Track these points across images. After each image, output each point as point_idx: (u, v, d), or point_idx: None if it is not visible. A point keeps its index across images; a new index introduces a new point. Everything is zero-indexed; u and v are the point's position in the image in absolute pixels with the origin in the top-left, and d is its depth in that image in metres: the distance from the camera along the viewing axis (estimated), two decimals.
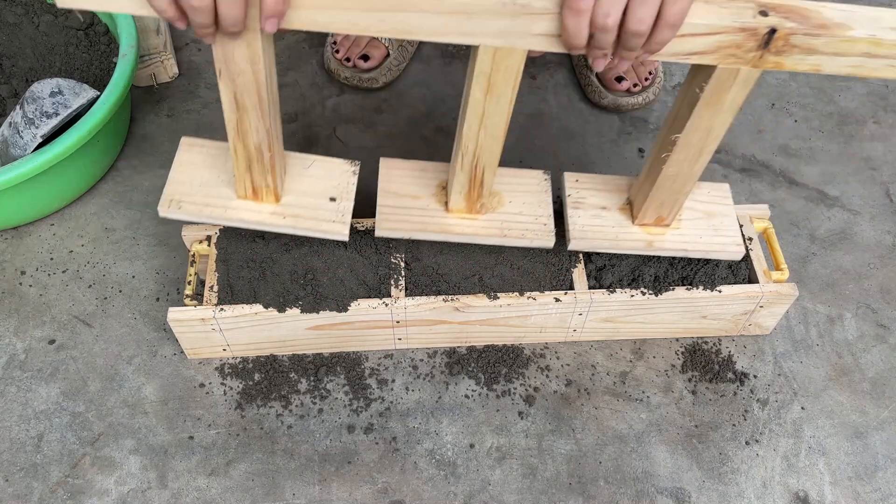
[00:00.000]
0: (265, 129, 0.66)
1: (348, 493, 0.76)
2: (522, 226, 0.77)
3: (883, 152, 1.05)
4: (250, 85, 0.62)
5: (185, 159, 0.75)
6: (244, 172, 0.70)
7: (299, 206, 0.74)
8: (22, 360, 0.85)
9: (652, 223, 0.78)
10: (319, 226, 0.73)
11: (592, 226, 0.77)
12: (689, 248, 0.78)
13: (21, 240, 0.94)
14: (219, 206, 0.73)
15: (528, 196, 0.78)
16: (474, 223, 0.76)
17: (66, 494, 0.76)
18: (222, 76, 0.61)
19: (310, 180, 0.75)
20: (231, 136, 0.67)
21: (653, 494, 0.77)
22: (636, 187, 0.78)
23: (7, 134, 0.88)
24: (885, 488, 0.78)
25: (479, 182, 0.72)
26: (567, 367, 0.85)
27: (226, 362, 0.84)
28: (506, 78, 0.61)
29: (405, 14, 0.55)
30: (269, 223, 0.73)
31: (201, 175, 0.74)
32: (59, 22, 1.03)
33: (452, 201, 0.75)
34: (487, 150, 0.69)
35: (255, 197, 0.73)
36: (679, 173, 0.71)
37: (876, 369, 0.86)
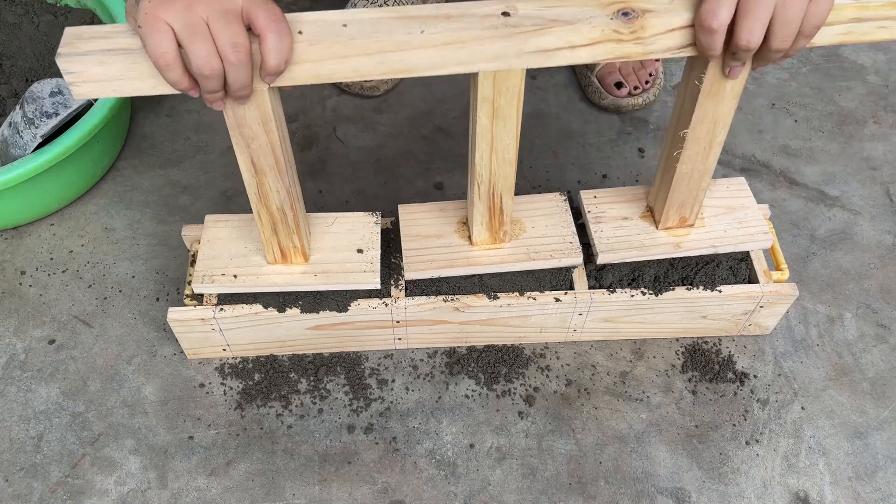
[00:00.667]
0: (285, 190, 0.68)
1: (348, 493, 0.76)
2: (549, 247, 0.77)
3: (883, 152, 1.05)
4: (265, 147, 0.63)
5: (212, 235, 0.78)
6: (271, 236, 0.72)
7: (329, 263, 0.76)
8: (22, 360, 0.85)
9: (676, 225, 0.78)
10: (351, 278, 0.75)
11: (617, 237, 0.78)
12: (718, 243, 0.77)
13: (21, 240, 0.94)
14: (251, 275, 0.75)
15: (548, 219, 0.79)
16: (500, 251, 0.77)
17: (66, 494, 0.76)
18: (237, 143, 0.63)
19: (334, 236, 0.78)
20: (253, 200, 0.69)
21: (653, 494, 0.77)
22: (653, 193, 0.79)
23: (7, 134, 0.88)
24: (886, 488, 0.78)
25: (498, 209, 0.73)
26: (567, 367, 0.85)
27: (226, 362, 0.84)
28: (509, 100, 0.62)
29: (402, 53, 0.57)
30: (301, 283, 0.75)
31: (230, 248, 0.77)
32: (59, 22, 1.03)
33: (475, 233, 0.76)
34: (502, 176, 0.70)
35: (284, 260, 0.75)
36: (693, 169, 0.71)
37: (876, 369, 0.86)
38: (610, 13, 0.57)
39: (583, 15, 0.57)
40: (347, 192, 0.99)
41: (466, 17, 0.57)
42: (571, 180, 1.00)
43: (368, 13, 0.57)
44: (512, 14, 0.57)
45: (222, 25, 0.53)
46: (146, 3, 0.53)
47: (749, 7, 0.54)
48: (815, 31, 0.56)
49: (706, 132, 0.68)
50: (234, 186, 0.99)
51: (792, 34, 0.56)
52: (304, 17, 0.57)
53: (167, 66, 0.54)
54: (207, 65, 0.54)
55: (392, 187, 1.00)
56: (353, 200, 0.98)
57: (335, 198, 0.99)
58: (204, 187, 0.99)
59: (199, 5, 0.53)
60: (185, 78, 0.56)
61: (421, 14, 0.57)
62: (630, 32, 0.57)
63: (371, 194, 0.99)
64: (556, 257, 0.77)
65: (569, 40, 0.58)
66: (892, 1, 0.58)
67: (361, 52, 0.56)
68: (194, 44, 0.54)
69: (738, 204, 0.80)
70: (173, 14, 0.53)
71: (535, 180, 1.00)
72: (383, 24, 0.56)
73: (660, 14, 0.57)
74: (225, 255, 0.76)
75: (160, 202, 0.98)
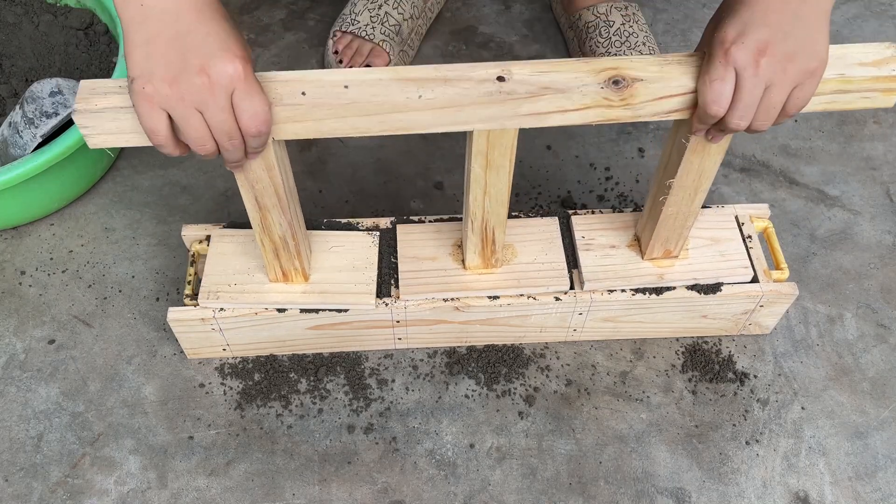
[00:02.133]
0: (287, 223, 0.70)
1: (348, 493, 0.76)
2: (538, 274, 0.79)
3: (883, 152, 1.05)
4: (269, 188, 0.66)
5: (217, 251, 0.80)
6: (273, 259, 0.75)
7: (327, 283, 0.78)
8: (22, 360, 0.85)
9: (661, 256, 0.80)
10: (347, 299, 0.78)
11: (604, 266, 0.80)
12: (699, 276, 0.80)
13: (21, 240, 0.94)
14: (253, 292, 0.78)
15: (538, 244, 0.81)
16: (492, 277, 0.79)
17: (66, 494, 0.76)
18: (241, 183, 0.65)
19: (334, 256, 0.80)
20: (257, 231, 0.71)
21: (653, 494, 0.77)
22: (641, 224, 0.80)
23: (7, 134, 0.88)
24: (886, 488, 0.78)
25: (490, 241, 0.75)
26: (567, 367, 0.85)
27: (226, 362, 0.84)
28: (502, 153, 0.65)
29: (400, 115, 0.59)
30: (301, 302, 0.77)
31: (234, 264, 0.79)
32: (58, 22, 1.03)
33: (468, 260, 0.78)
34: (494, 214, 0.72)
35: (285, 279, 0.78)
36: (679, 212, 0.74)
37: (876, 369, 0.86)
38: (601, 81, 0.59)
39: (575, 83, 0.59)
40: (347, 193, 0.99)
41: (463, 82, 0.59)
42: (571, 180, 1.00)
43: (369, 74, 0.59)
44: (507, 78, 0.59)
45: (215, 113, 0.55)
46: (138, 85, 0.54)
47: (741, 95, 0.57)
48: (797, 111, 0.60)
49: (692, 182, 0.70)
50: (233, 186, 0.99)
51: (774, 116, 0.59)
52: (306, 76, 0.59)
53: (160, 144, 0.57)
54: (202, 148, 0.57)
55: (392, 187, 1.00)
56: (353, 200, 0.98)
57: (335, 198, 0.99)
58: (204, 187, 0.99)
59: (191, 95, 0.54)
60: (178, 148, 0.58)
61: (419, 76, 0.59)
62: (620, 100, 0.60)
63: (371, 194, 0.99)
64: (544, 285, 0.79)
65: (560, 105, 0.60)
66: (874, 76, 0.60)
67: (361, 112, 0.59)
68: (187, 130, 0.55)
69: (722, 236, 0.82)
70: (166, 101, 0.54)
71: (535, 180, 1.00)
72: (382, 87, 0.59)
73: (650, 83, 0.59)
74: (229, 271, 0.79)
75: (160, 202, 0.98)
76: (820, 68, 0.57)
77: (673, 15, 1.19)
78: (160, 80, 0.53)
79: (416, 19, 1.10)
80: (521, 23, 1.17)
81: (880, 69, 0.61)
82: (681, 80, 0.59)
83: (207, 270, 0.79)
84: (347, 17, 1.07)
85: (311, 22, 1.18)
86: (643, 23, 1.08)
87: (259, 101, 0.55)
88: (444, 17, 1.18)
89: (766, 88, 0.57)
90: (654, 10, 1.20)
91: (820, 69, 0.58)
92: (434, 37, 1.16)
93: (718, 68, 0.57)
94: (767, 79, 0.56)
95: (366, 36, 1.05)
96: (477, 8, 1.20)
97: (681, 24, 1.18)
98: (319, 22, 1.17)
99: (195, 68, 0.53)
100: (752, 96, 0.57)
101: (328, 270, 0.79)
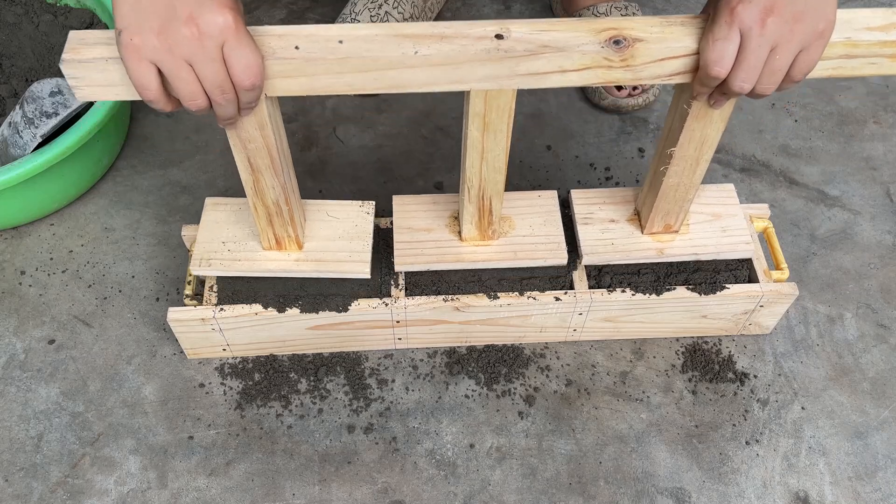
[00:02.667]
0: (280, 186, 0.69)
1: (348, 493, 0.76)
2: (535, 246, 0.79)
3: (883, 152, 1.05)
4: (261, 149, 0.64)
5: (210, 218, 0.80)
6: (266, 226, 0.74)
7: (321, 251, 0.78)
8: (22, 360, 0.85)
9: (661, 231, 0.79)
10: (342, 267, 0.77)
11: (603, 240, 0.79)
12: (700, 251, 0.79)
13: (21, 240, 0.94)
14: (246, 260, 0.77)
15: (536, 217, 0.80)
16: (488, 249, 0.78)
17: (66, 494, 0.76)
18: (234, 144, 0.64)
19: (328, 225, 0.79)
20: (249, 195, 0.70)
21: (653, 494, 0.77)
22: (641, 198, 0.79)
23: (7, 134, 0.88)
24: (886, 488, 0.78)
25: (487, 210, 0.74)
26: (567, 367, 0.85)
27: (226, 362, 0.84)
28: (499, 115, 0.64)
29: (396, 71, 0.58)
30: (294, 270, 0.77)
31: (227, 232, 0.79)
32: (58, 22, 1.03)
33: (465, 231, 0.77)
34: (492, 182, 0.71)
35: (279, 247, 0.77)
36: (680, 183, 0.72)
37: (876, 369, 0.86)
38: (601, 40, 0.58)
39: (574, 41, 0.58)
40: (347, 192, 0.99)
41: (460, 39, 0.58)
42: (571, 180, 1.00)
43: (364, 29, 0.58)
44: (505, 36, 0.58)
45: (206, 65, 0.53)
46: (126, 37, 0.52)
47: (745, 56, 0.56)
48: (802, 76, 0.58)
49: (693, 151, 0.69)
50: (233, 186, 0.99)
51: (778, 80, 0.57)
52: (301, 31, 0.58)
53: (151, 100, 0.55)
54: (194, 103, 0.55)
55: (392, 187, 1.00)
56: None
57: (335, 198, 0.98)
58: (204, 187, 0.99)
59: (179, 47, 0.52)
60: (169, 104, 0.56)
61: (416, 32, 0.58)
62: (620, 60, 0.59)
63: (371, 194, 0.99)
64: (540, 257, 0.78)
65: (559, 65, 0.59)
66: (881, 41, 0.59)
67: (356, 69, 0.58)
68: (177, 84, 0.54)
69: (725, 212, 0.81)
70: (154, 53, 0.53)
71: (535, 180, 1.00)
72: (378, 42, 0.57)
73: (651, 43, 0.58)
74: (222, 239, 0.78)
75: (160, 202, 0.98)
76: (828, 30, 0.56)
77: None
78: (148, 32, 0.52)
79: (416, 19, 1.10)
80: None
81: (888, 34, 0.59)
82: (683, 41, 0.58)
83: (200, 238, 0.78)
84: (347, 17, 1.07)
85: (311, 22, 1.18)
86: None
87: (251, 52, 0.54)
88: (444, 17, 1.18)
89: (772, 50, 0.55)
90: (654, 10, 1.20)
91: (828, 31, 0.56)
92: None
93: (723, 27, 0.55)
94: (773, 40, 0.55)
95: None
96: (477, 8, 1.20)
97: None
98: (319, 22, 1.17)
99: (183, 18, 0.51)
100: (756, 57, 0.55)
101: (322, 239, 0.78)
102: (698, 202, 0.81)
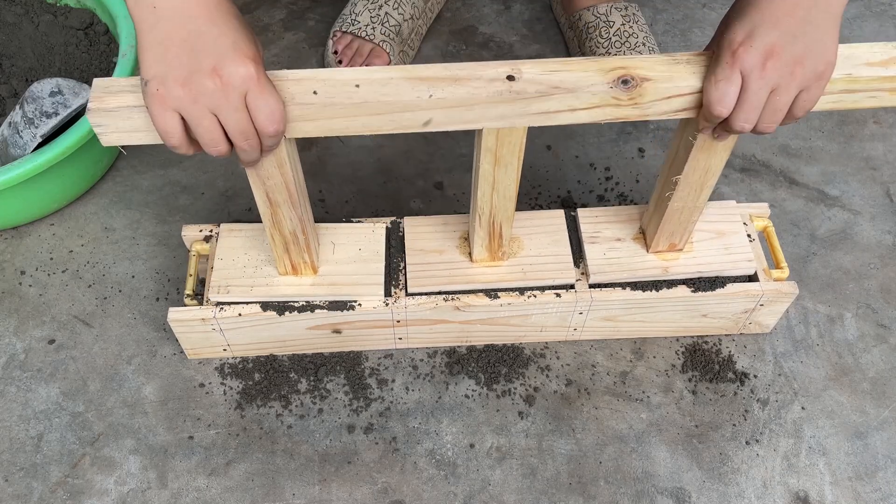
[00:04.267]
0: (297, 218, 0.70)
1: (348, 493, 0.76)
2: (544, 267, 0.80)
3: (883, 152, 1.05)
4: (280, 185, 0.66)
5: (226, 245, 0.80)
6: (282, 254, 0.75)
7: (336, 275, 0.79)
8: (22, 360, 0.85)
9: (666, 249, 0.80)
10: (357, 290, 0.78)
11: (609, 259, 0.80)
12: (703, 269, 0.80)
13: (21, 240, 0.94)
14: (263, 286, 0.78)
15: (544, 237, 0.82)
16: (498, 270, 0.80)
17: (66, 494, 0.76)
18: (253, 181, 0.65)
19: (341, 248, 0.80)
20: (267, 226, 0.71)
21: (653, 494, 0.77)
22: (647, 218, 0.81)
23: (7, 134, 0.88)
24: (886, 488, 0.78)
25: (497, 234, 0.76)
26: (567, 366, 0.85)
27: (226, 362, 0.84)
28: (510, 151, 0.65)
29: (411, 113, 0.60)
30: (310, 294, 0.78)
31: (243, 258, 0.80)
32: (58, 22, 1.03)
33: (475, 253, 0.79)
34: (502, 209, 0.73)
35: (294, 272, 0.78)
36: (684, 207, 0.74)
37: (876, 369, 0.86)
38: (610, 80, 0.60)
39: (584, 83, 0.59)
40: (347, 193, 0.99)
41: (473, 81, 0.59)
42: (571, 180, 1.00)
43: (379, 72, 0.60)
44: (517, 77, 0.59)
45: (230, 114, 0.55)
46: (152, 88, 0.54)
47: (746, 97, 0.57)
48: (804, 113, 0.59)
49: (698, 178, 0.71)
50: (233, 186, 0.99)
51: (779, 119, 0.59)
52: (318, 75, 0.59)
53: (174, 146, 0.57)
54: (215, 150, 0.57)
55: (392, 187, 1.00)
56: (353, 200, 0.98)
57: (335, 198, 0.99)
58: (204, 187, 0.99)
59: (204, 97, 0.54)
60: (191, 149, 0.58)
61: (430, 75, 0.60)
62: (628, 98, 0.60)
63: (371, 194, 0.99)
64: (550, 278, 0.79)
65: (569, 105, 0.60)
66: (881, 76, 0.61)
67: (372, 112, 0.59)
68: (200, 131, 0.56)
69: (727, 229, 0.82)
70: (179, 103, 0.54)
71: (535, 180, 1.00)
72: (393, 86, 0.59)
73: (658, 82, 0.60)
74: (239, 265, 0.79)
75: (160, 202, 0.98)
76: (828, 72, 0.57)
77: (673, 15, 1.19)
78: (173, 82, 0.53)
79: (416, 19, 1.10)
80: (521, 23, 1.17)
81: (888, 69, 0.61)
82: (689, 80, 0.60)
83: (216, 266, 0.79)
84: (347, 17, 1.07)
85: (311, 22, 1.18)
86: (643, 23, 1.08)
87: (274, 100, 0.56)
88: (444, 17, 1.18)
89: (773, 91, 0.57)
90: (654, 10, 1.20)
91: (828, 72, 0.57)
92: (434, 37, 1.16)
93: (725, 69, 0.57)
94: (774, 82, 0.56)
95: (366, 36, 1.05)
96: (477, 8, 1.20)
97: (681, 25, 1.18)
98: (319, 22, 1.17)
99: (207, 70, 0.53)
100: (757, 98, 0.57)
101: (336, 263, 0.79)
102: (702, 220, 0.82)
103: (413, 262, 0.80)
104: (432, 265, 0.80)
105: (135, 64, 0.91)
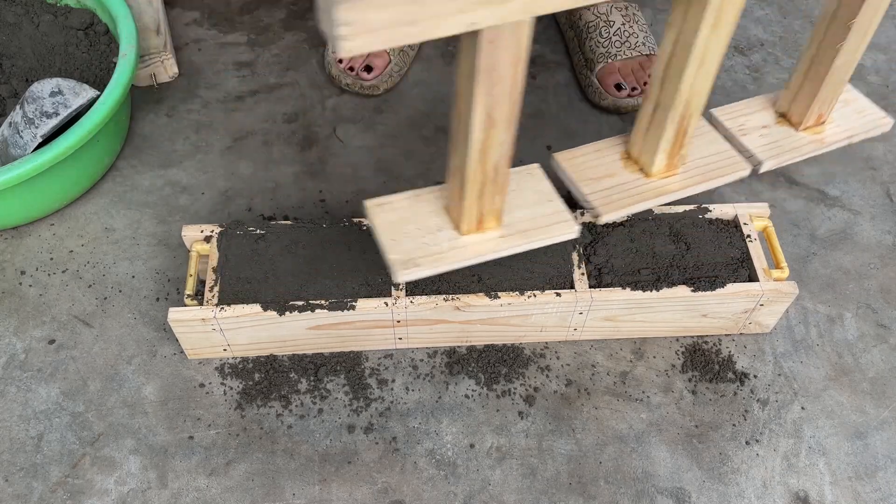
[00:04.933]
0: (510, 141, 0.62)
1: (348, 493, 0.76)
2: (716, 164, 0.76)
3: (883, 152, 1.05)
4: (505, 95, 0.57)
5: (383, 220, 0.73)
6: (475, 201, 0.67)
7: (521, 221, 0.73)
8: (22, 360, 0.85)
9: (814, 124, 0.78)
10: (549, 232, 0.72)
11: (768, 144, 0.78)
12: (852, 133, 0.78)
13: (21, 240, 0.94)
14: (450, 251, 0.70)
15: (697, 139, 0.78)
16: (676, 178, 0.75)
17: (66, 494, 0.76)
18: (479, 92, 0.56)
19: (511, 195, 0.74)
20: (472, 164, 0.63)
21: (653, 494, 0.77)
22: (789, 97, 0.78)
23: (7, 134, 0.88)
24: (886, 488, 0.78)
25: (683, 133, 0.71)
26: (567, 367, 0.85)
27: (226, 362, 0.84)
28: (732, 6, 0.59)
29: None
30: (502, 248, 0.71)
31: (410, 229, 0.72)
32: (58, 22, 1.03)
33: (657, 163, 0.73)
34: (703, 92, 0.67)
35: (479, 228, 0.71)
36: (847, 61, 0.71)
37: (876, 369, 0.86)
38: None
39: None
40: (348, 192, 0.99)
41: None
42: None
43: None
44: None
45: None
46: None
47: None
48: None
49: (868, 19, 0.68)
50: (233, 186, 0.99)
51: None
52: None
53: None
54: None
55: (392, 187, 1.00)
56: (354, 200, 0.98)
57: (335, 198, 0.99)
58: (204, 187, 0.99)
59: None
60: None
61: None
62: None
63: (371, 194, 0.99)
64: (728, 173, 0.76)
65: None
66: None
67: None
68: None
69: (850, 97, 0.81)
70: None
71: None
72: None
73: None
74: (413, 237, 0.71)
75: (160, 202, 0.98)
76: None
77: None
78: None
79: None
80: None
81: None
82: None
83: (386, 244, 0.71)
84: None
85: (311, 22, 1.18)
86: (643, 23, 1.08)
87: None
88: None
89: None
90: (654, 10, 1.20)
91: None
92: None
93: None
94: None
95: None
96: None
97: None
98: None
99: None
100: None
101: (514, 209, 0.73)
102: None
103: (590, 191, 0.74)
104: (610, 189, 0.74)
105: (135, 64, 0.91)
